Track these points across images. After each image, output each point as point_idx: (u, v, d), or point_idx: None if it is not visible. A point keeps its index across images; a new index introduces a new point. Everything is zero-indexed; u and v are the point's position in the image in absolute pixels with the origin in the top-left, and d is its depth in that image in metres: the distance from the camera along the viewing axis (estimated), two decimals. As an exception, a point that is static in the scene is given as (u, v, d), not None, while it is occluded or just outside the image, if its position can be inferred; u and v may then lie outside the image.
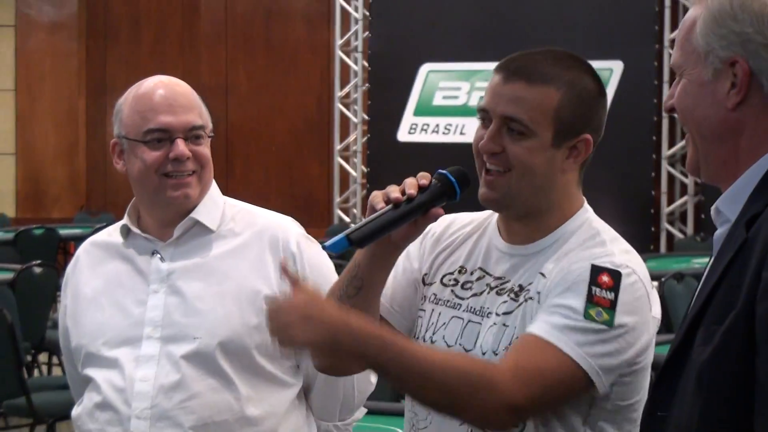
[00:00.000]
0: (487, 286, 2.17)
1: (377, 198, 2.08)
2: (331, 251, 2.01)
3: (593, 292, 2.04)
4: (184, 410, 2.50)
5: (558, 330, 2.01)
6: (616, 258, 2.08)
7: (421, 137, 11.41)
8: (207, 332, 2.53)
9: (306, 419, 2.63)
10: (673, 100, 1.77)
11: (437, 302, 2.21)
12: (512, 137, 2.10)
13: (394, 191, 2.07)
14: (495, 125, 2.11)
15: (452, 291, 2.20)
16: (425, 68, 11.48)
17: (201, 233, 2.60)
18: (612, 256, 2.08)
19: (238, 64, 13.66)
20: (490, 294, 2.15)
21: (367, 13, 12.00)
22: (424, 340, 2.20)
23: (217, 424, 2.51)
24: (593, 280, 2.05)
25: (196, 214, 2.59)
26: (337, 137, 12.34)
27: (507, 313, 2.11)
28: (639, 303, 2.06)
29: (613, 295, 2.04)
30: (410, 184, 2.08)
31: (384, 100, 11.75)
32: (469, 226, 2.26)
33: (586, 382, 2.02)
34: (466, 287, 2.19)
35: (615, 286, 2.04)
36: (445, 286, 2.22)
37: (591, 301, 2.03)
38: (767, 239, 1.58)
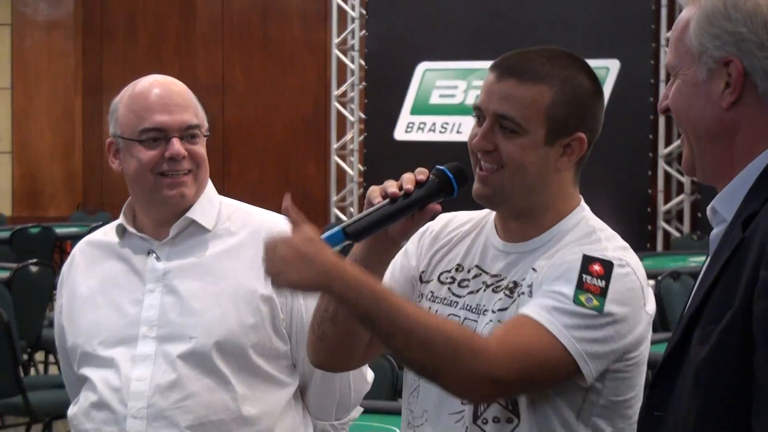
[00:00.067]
0: (484, 284, 2.17)
1: (375, 193, 2.08)
2: (327, 244, 2.00)
3: (584, 279, 2.04)
4: (180, 410, 2.50)
5: (546, 311, 2.01)
6: (610, 252, 2.08)
7: (417, 136, 11.40)
8: (203, 332, 2.52)
9: (302, 418, 2.63)
10: (668, 101, 1.77)
11: (434, 300, 2.21)
12: (505, 135, 2.11)
13: (392, 186, 2.07)
14: (488, 123, 2.12)
15: (449, 289, 2.20)
16: (422, 67, 11.48)
17: (197, 233, 2.60)
18: (606, 250, 2.08)
19: (235, 63, 13.65)
20: (486, 292, 2.15)
21: (364, 12, 12.00)
22: (420, 338, 2.20)
23: (214, 424, 2.51)
24: (584, 268, 2.05)
25: (192, 213, 2.59)
26: (334, 136, 12.34)
27: (502, 310, 2.11)
28: (632, 295, 2.06)
29: (604, 282, 2.04)
30: (407, 179, 2.09)
31: (381, 99, 11.75)
32: (467, 225, 2.26)
33: (573, 368, 2.01)
34: (462, 285, 2.19)
35: (606, 275, 2.04)
36: (442, 283, 2.21)
37: (581, 287, 2.03)
38: (764, 239, 1.58)
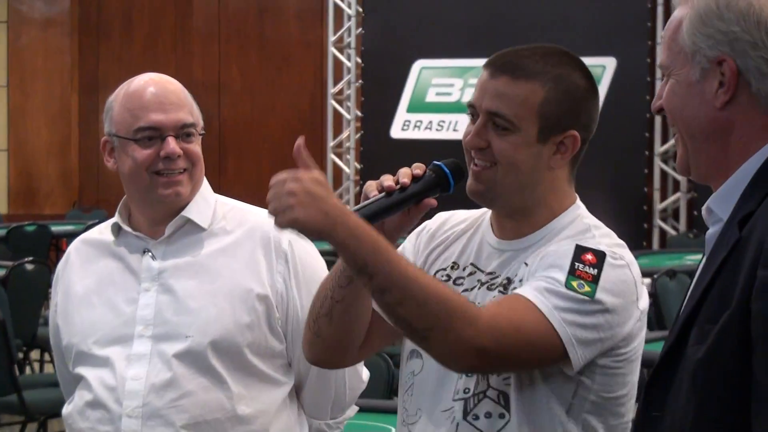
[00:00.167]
0: (478, 281, 2.17)
1: (371, 187, 2.08)
2: None
3: (576, 266, 2.04)
4: (175, 409, 2.50)
5: (539, 291, 2.02)
6: (604, 248, 2.08)
7: (414, 134, 11.40)
8: (199, 331, 2.52)
9: (297, 417, 2.63)
10: (662, 101, 1.77)
11: None
12: (497, 132, 2.11)
13: (388, 180, 2.08)
14: (480, 121, 2.12)
15: None
16: (418, 65, 11.47)
17: (192, 231, 2.59)
18: (600, 245, 2.09)
19: (231, 61, 13.65)
20: (480, 289, 2.15)
21: (360, 10, 11.99)
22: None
23: (209, 423, 2.51)
24: (576, 257, 2.05)
25: (188, 212, 2.58)
26: (330, 134, 12.33)
27: None
28: (624, 287, 2.06)
29: (596, 271, 2.04)
30: (404, 174, 2.09)
31: (377, 97, 11.74)
32: (463, 224, 2.26)
33: (561, 352, 2.01)
34: (458, 283, 2.19)
35: (598, 264, 2.05)
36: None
37: (573, 273, 2.03)
38: (761, 238, 1.58)
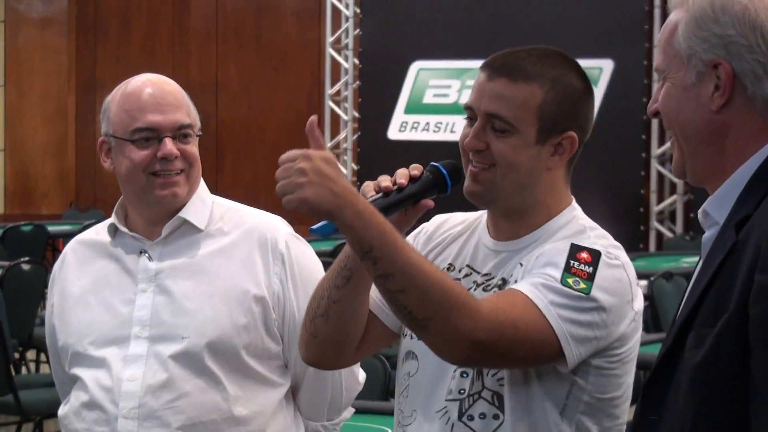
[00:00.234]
0: (474, 283, 2.17)
1: (368, 187, 2.08)
2: (318, 234, 1.99)
3: (571, 264, 2.04)
4: (171, 410, 2.50)
5: (535, 287, 2.02)
6: (599, 248, 2.08)
7: (411, 135, 11.40)
8: (195, 332, 2.52)
9: (294, 419, 2.63)
10: (658, 104, 1.76)
11: None
12: (496, 134, 2.11)
13: (385, 180, 2.08)
14: (479, 123, 2.12)
15: None
16: (416, 66, 11.48)
17: (189, 232, 2.59)
18: (595, 245, 2.09)
19: (229, 61, 13.64)
20: (476, 291, 2.15)
21: (358, 11, 12.00)
22: (411, 337, 2.20)
23: (205, 424, 2.51)
24: (572, 255, 2.06)
25: (184, 213, 2.58)
26: (328, 135, 12.32)
27: None
28: (619, 286, 2.06)
29: (591, 269, 2.04)
30: (401, 174, 2.09)
31: (374, 98, 11.74)
32: (460, 226, 2.26)
33: (556, 349, 2.01)
34: None
35: (593, 262, 2.05)
36: None
37: (568, 271, 2.04)
38: (758, 242, 1.58)
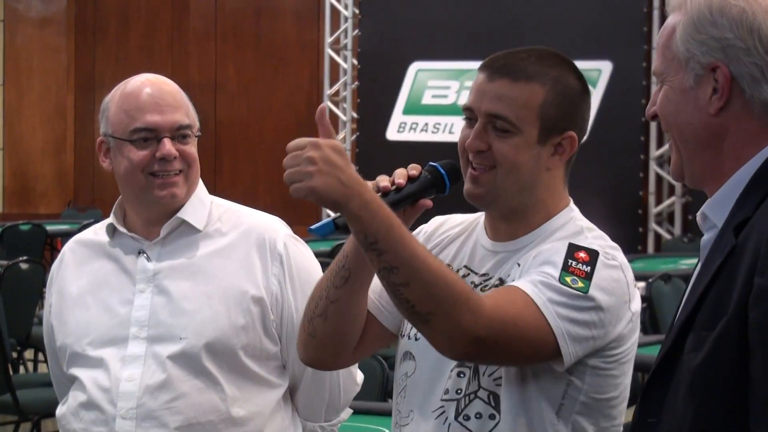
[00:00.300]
0: (472, 283, 2.16)
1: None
2: (317, 234, 1.99)
3: (569, 263, 2.04)
4: (169, 410, 2.50)
5: (533, 284, 2.02)
6: (597, 248, 2.08)
7: (410, 136, 11.40)
8: (194, 332, 2.52)
9: (291, 420, 2.62)
10: (656, 107, 1.76)
11: None
12: (498, 135, 2.11)
13: (384, 180, 2.08)
14: (480, 123, 2.12)
15: None
16: (414, 67, 11.48)
17: (188, 233, 2.59)
18: (593, 246, 2.09)
19: (228, 61, 13.64)
20: (474, 291, 2.15)
21: (357, 11, 12.00)
22: (409, 338, 2.20)
23: (203, 425, 2.50)
24: (569, 254, 2.06)
25: (183, 213, 2.58)
26: (326, 135, 12.30)
27: None
28: (617, 286, 2.06)
29: (589, 268, 2.04)
30: (400, 174, 2.09)
31: (373, 99, 11.75)
32: (458, 227, 2.26)
33: (553, 347, 2.01)
34: None
35: (591, 261, 2.05)
36: None
37: (566, 269, 2.04)
38: (757, 245, 1.58)
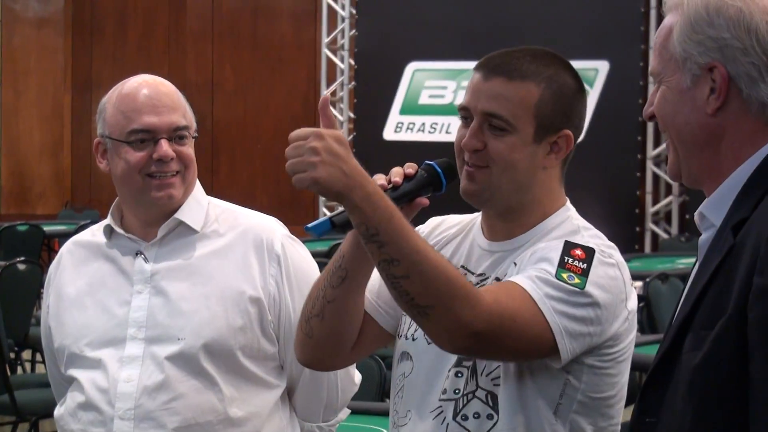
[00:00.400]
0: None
1: None
2: (313, 233, 1.99)
3: (565, 260, 2.05)
4: (167, 411, 2.50)
5: (531, 280, 2.02)
6: (593, 245, 2.09)
7: (407, 136, 11.41)
8: (191, 333, 2.52)
9: (289, 420, 2.62)
10: (653, 108, 1.77)
11: None
12: (494, 134, 2.12)
13: (380, 179, 2.08)
14: (476, 122, 2.13)
15: None
16: (411, 67, 11.48)
17: (185, 234, 2.59)
18: (588, 243, 2.09)
19: (225, 61, 13.64)
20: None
21: (354, 12, 12.00)
22: (406, 338, 2.20)
23: (201, 426, 2.50)
24: (566, 251, 2.06)
25: (180, 214, 2.58)
26: (324, 135, 12.30)
27: None
28: (613, 284, 2.07)
29: (585, 265, 2.05)
30: (396, 173, 2.09)
31: (370, 99, 11.75)
32: (455, 228, 2.26)
33: (551, 343, 2.01)
34: None
35: (587, 259, 2.05)
36: None
37: (563, 266, 2.04)
38: (756, 245, 1.58)
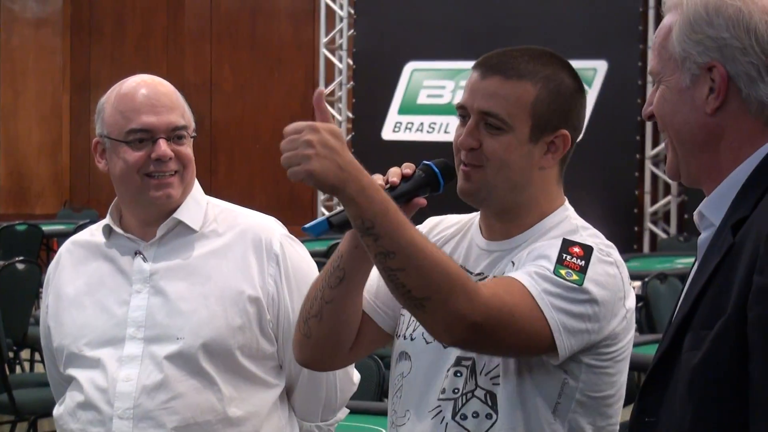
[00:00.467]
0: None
1: None
2: (311, 233, 1.99)
3: (563, 257, 2.05)
4: (166, 411, 2.50)
5: (529, 275, 2.02)
6: (591, 244, 2.09)
7: (405, 135, 11.41)
8: (190, 333, 2.52)
9: (288, 420, 2.63)
10: (652, 107, 1.77)
11: None
12: (490, 132, 2.12)
13: (378, 179, 2.08)
14: (473, 121, 2.13)
15: None
16: (410, 67, 11.48)
17: (184, 233, 2.59)
18: (587, 242, 2.09)
19: (223, 61, 13.64)
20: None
21: (352, 11, 12.00)
22: (404, 338, 2.20)
23: (200, 425, 2.51)
24: (564, 249, 2.06)
25: (179, 214, 2.58)
26: (322, 135, 12.30)
27: None
28: (612, 281, 2.07)
29: (584, 262, 2.05)
30: (394, 173, 2.10)
31: (368, 99, 11.75)
32: (453, 227, 2.27)
33: (549, 340, 2.01)
34: None
35: (585, 256, 2.06)
36: None
37: (561, 263, 2.04)
38: (756, 244, 1.58)
